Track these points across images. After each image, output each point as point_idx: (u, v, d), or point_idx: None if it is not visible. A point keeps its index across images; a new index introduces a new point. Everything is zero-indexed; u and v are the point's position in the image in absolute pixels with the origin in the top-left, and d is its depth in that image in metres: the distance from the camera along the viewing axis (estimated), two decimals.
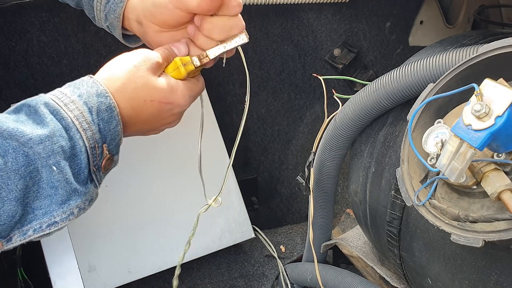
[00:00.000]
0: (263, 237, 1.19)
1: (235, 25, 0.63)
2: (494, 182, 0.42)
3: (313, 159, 0.77)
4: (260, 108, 1.30)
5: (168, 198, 1.02)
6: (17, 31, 1.02)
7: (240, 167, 1.29)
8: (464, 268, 0.51)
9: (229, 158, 1.10)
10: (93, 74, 0.57)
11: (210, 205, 0.74)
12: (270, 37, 1.22)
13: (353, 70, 1.32)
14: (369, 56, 1.34)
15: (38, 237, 0.49)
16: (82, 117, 0.51)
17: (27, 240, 0.48)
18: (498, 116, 0.40)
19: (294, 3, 1.14)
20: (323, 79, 0.70)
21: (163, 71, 0.61)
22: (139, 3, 0.66)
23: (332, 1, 1.20)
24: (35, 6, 0.84)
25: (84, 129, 0.51)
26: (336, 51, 1.29)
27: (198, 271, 1.11)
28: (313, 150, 0.75)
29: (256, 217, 1.23)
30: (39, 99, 0.51)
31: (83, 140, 0.50)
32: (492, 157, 0.44)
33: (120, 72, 0.56)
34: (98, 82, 0.54)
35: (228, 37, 0.64)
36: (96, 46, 1.09)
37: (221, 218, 1.07)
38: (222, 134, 1.10)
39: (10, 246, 0.48)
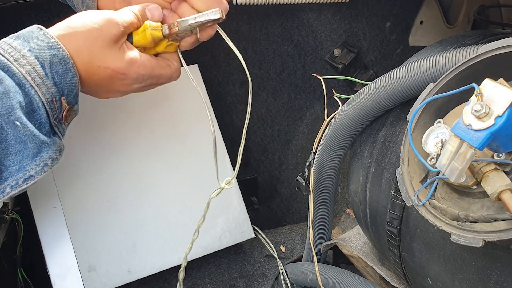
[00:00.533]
0: (263, 237, 1.19)
1: (219, 1, 0.64)
2: (494, 182, 0.42)
3: (313, 159, 0.77)
4: (260, 108, 1.30)
5: (169, 198, 1.02)
6: (17, 31, 1.02)
7: (240, 167, 1.29)
8: (464, 268, 0.51)
9: (230, 158, 1.10)
10: None
11: (223, 188, 0.71)
12: (270, 37, 1.22)
13: (353, 70, 1.32)
14: (369, 56, 1.34)
15: (17, 192, 0.49)
16: (34, 72, 0.50)
17: (6, 197, 0.48)
18: (498, 116, 0.40)
19: (294, 3, 1.13)
20: (323, 79, 0.70)
21: (131, 33, 0.60)
22: None
23: (332, 1, 1.20)
24: (35, 6, 0.84)
25: (37, 84, 0.50)
26: (336, 51, 1.29)
27: (198, 271, 1.11)
28: (313, 150, 0.75)
29: (256, 217, 1.23)
30: None
31: (38, 95, 0.50)
32: (492, 157, 0.44)
33: (80, 30, 0.55)
34: (49, 34, 0.53)
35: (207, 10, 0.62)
36: None
37: (221, 218, 1.07)
38: (222, 134, 1.10)
39: None
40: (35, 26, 0.54)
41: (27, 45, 0.52)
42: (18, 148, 0.48)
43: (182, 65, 0.66)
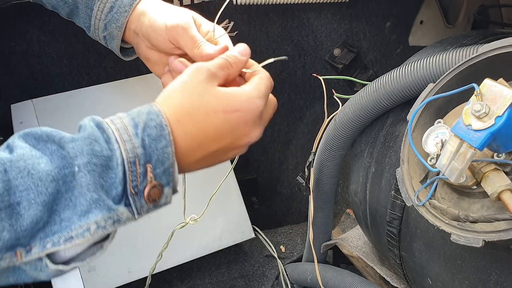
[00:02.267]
0: (263, 237, 1.19)
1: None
2: (494, 182, 0.42)
3: (313, 159, 0.77)
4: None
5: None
6: (17, 31, 1.02)
7: (240, 167, 1.29)
8: (464, 268, 0.51)
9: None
10: (92, 73, 0.55)
11: (187, 223, 0.72)
12: (270, 37, 1.22)
13: (353, 70, 1.32)
14: (369, 56, 1.34)
15: (54, 251, 0.43)
16: (124, 129, 0.46)
17: (44, 253, 0.42)
18: (498, 116, 0.40)
19: (294, 3, 1.13)
20: (323, 79, 0.70)
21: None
22: (140, 16, 0.65)
23: (332, 1, 1.20)
24: (35, 6, 0.84)
25: (123, 140, 0.45)
26: (336, 51, 1.29)
27: (198, 271, 1.11)
28: (313, 150, 0.75)
29: (256, 217, 1.23)
30: (89, 117, 0.47)
31: (120, 151, 0.45)
32: (492, 157, 0.44)
33: (173, 91, 0.51)
34: (154, 104, 0.49)
35: None
36: (96, 46, 1.09)
37: (221, 218, 1.07)
38: None
39: (28, 258, 0.42)
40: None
41: (130, 111, 0.49)
42: (74, 202, 0.43)
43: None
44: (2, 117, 1.02)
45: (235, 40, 0.70)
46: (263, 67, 0.60)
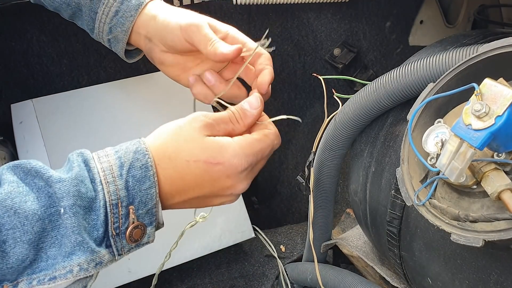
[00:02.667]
0: (263, 237, 1.19)
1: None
2: (494, 182, 0.41)
3: (313, 159, 0.77)
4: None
5: None
6: (17, 31, 1.02)
7: None
8: (464, 267, 0.51)
9: None
10: (92, 73, 0.56)
11: (197, 222, 0.73)
12: (270, 37, 1.22)
13: (353, 70, 1.32)
14: (369, 56, 1.34)
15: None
16: (109, 169, 0.46)
17: None
18: (498, 116, 0.39)
19: (294, 3, 1.13)
20: (323, 78, 0.70)
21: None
22: (151, 20, 0.65)
23: (332, 1, 1.20)
24: (35, 6, 0.84)
25: (107, 181, 0.46)
26: (336, 51, 1.29)
27: (198, 271, 1.11)
28: (313, 150, 0.75)
29: (256, 217, 1.23)
30: (78, 151, 0.48)
31: (104, 193, 0.45)
32: (492, 156, 0.44)
33: (164, 132, 0.52)
34: (142, 141, 0.50)
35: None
36: (96, 46, 1.09)
37: (221, 218, 1.07)
38: None
39: None
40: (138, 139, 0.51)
41: (118, 147, 0.49)
42: (60, 240, 0.44)
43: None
44: (2, 117, 1.02)
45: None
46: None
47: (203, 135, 0.51)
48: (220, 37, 0.64)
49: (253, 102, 0.56)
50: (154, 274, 1.00)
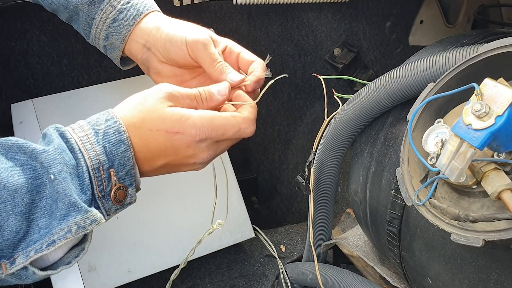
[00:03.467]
0: (263, 237, 1.19)
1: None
2: (494, 182, 0.42)
3: (313, 158, 0.77)
4: (260, 108, 1.29)
5: (169, 199, 1.02)
6: (17, 31, 1.02)
7: (240, 167, 1.29)
8: (464, 267, 0.51)
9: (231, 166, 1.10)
10: (92, 73, 0.57)
11: (214, 229, 0.74)
12: (270, 37, 1.22)
13: (353, 70, 1.32)
14: (369, 56, 1.34)
15: (39, 256, 0.45)
16: (86, 138, 0.49)
17: (28, 261, 0.45)
18: (498, 116, 0.40)
19: (294, 3, 1.13)
20: (323, 78, 0.70)
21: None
22: (153, 31, 0.66)
23: (332, 1, 1.20)
24: (35, 6, 0.84)
25: (86, 148, 0.49)
26: (336, 51, 1.29)
27: (198, 271, 1.11)
28: (313, 149, 0.75)
29: (256, 217, 1.23)
30: (52, 126, 0.51)
31: (84, 159, 0.48)
32: (492, 156, 0.44)
33: (130, 103, 0.55)
34: (111, 111, 0.53)
35: None
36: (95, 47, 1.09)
37: (221, 218, 1.07)
38: None
39: (13, 269, 0.44)
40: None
41: (89, 119, 0.52)
42: (51, 208, 0.46)
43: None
44: (2, 117, 1.02)
45: (235, 40, 0.70)
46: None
47: (165, 106, 0.53)
48: (221, 49, 0.67)
49: (221, 89, 0.58)
50: (154, 273, 1.01)
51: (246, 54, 0.67)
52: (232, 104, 0.62)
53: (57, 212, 0.46)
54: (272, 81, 0.64)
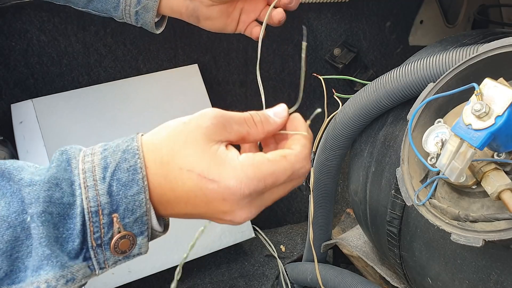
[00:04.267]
0: (263, 237, 1.19)
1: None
2: (494, 182, 0.41)
3: (313, 158, 0.77)
4: (260, 108, 1.29)
5: None
6: (17, 31, 1.02)
7: None
8: (464, 267, 0.51)
9: None
10: (92, 73, 0.53)
11: (205, 227, 0.69)
12: (270, 37, 1.22)
13: (353, 70, 1.32)
14: (369, 56, 1.34)
15: None
16: (91, 170, 0.40)
17: None
18: (498, 116, 0.39)
19: None
20: (323, 78, 0.70)
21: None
22: None
23: (332, 1, 1.20)
24: (35, 6, 0.84)
25: (87, 185, 0.40)
26: (336, 51, 1.29)
27: (198, 271, 1.11)
28: (313, 149, 0.75)
29: (256, 217, 1.23)
30: (62, 148, 0.42)
31: (81, 199, 0.39)
32: (492, 156, 0.44)
33: (165, 128, 0.43)
34: (137, 138, 0.43)
35: None
36: (96, 46, 1.09)
37: None
38: None
39: None
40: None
41: (109, 143, 0.43)
42: (31, 253, 0.38)
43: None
44: (2, 117, 1.02)
45: (235, 40, 0.70)
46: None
47: (207, 140, 0.42)
48: None
49: (279, 111, 0.48)
50: (154, 273, 1.01)
51: None
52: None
53: (31, 263, 0.38)
54: (318, 110, 0.52)
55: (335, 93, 0.72)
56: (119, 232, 0.41)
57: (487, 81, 0.41)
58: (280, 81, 1.29)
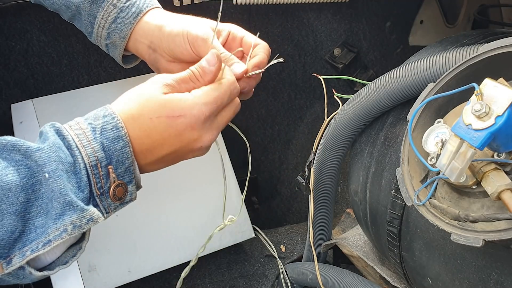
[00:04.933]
0: (263, 237, 1.19)
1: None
2: (494, 182, 0.42)
3: (313, 159, 0.77)
4: (260, 108, 1.30)
5: (169, 198, 1.02)
6: (17, 31, 1.02)
7: (240, 167, 1.29)
8: (464, 267, 0.51)
9: (230, 170, 1.10)
10: (92, 73, 0.56)
11: (226, 225, 0.73)
12: (270, 37, 1.22)
13: (353, 70, 1.32)
14: (369, 56, 1.34)
15: (35, 256, 0.45)
16: (83, 134, 0.48)
17: (24, 261, 0.44)
18: (498, 116, 0.40)
19: (294, 3, 1.13)
20: (323, 78, 0.70)
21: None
22: (155, 31, 0.65)
23: (332, 1, 1.20)
24: (35, 6, 0.84)
25: (83, 145, 0.48)
26: (336, 51, 1.29)
27: (198, 271, 1.11)
28: (313, 150, 0.75)
29: (256, 217, 1.23)
30: (49, 124, 0.50)
31: (82, 156, 0.47)
32: (492, 156, 0.44)
33: (127, 97, 0.54)
34: (109, 107, 0.52)
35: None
36: (96, 46, 1.08)
37: (221, 218, 1.07)
38: (222, 134, 1.10)
39: (10, 269, 0.44)
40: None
41: (87, 115, 0.52)
42: (47, 207, 0.45)
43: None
44: (2, 117, 1.02)
45: None
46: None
47: (160, 93, 0.52)
48: (224, 37, 0.66)
49: (210, 59, 0.56)
50: (154, 273, 1.01)
51: (249, 38, 0.66)
52: (248, 76, 0.62)
53: (53, 211, 0.45)
54: (274, 61, 0.62)
55: (335, 93, 0.72)
56: (115, 181, 0.49)
57: (487, 81, 0.41)
58: (280, 81, 1.29)
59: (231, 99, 0.57)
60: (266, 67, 0.63)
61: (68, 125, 0.50)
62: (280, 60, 0.62)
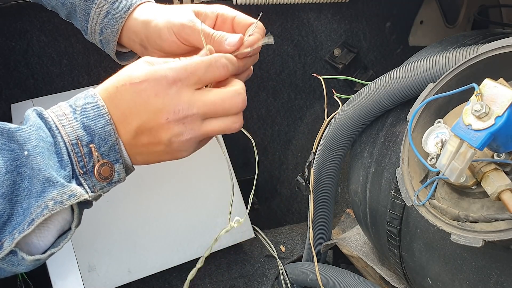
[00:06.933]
0: (263, 237, 1.19)
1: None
2: (494, 182, 0.41)
3: (313, 159, 0.77)
4: (260, 108, 1.30)
5: (169, 198, 1.02)
6: (17, 31, 1.02)
7: (240, 167, 1.29)
8: (464, 268, 0.51)
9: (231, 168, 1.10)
10: (92, 73, 0.56)
11: (232, 227, 0.71)
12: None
13: (353, 70, 1.32)
14: (369, 56, 1.34)
15: (21, 237, 0.44)
16: (63, 115, 0.48)
17: (13, 244, 0.44)
18: (498, 116, 0.39)
19: (294, 3, 1.13)
20: (323, 79, 0.70)
21: None
22: (142, 29, 0.65)
23: (332, 1, 1.20)
24: (35, 6, 0.84)
25: (63, 125, 0.47)
26: (336, 51, 1.29)
27: (198, 271, 1.11)
28: (313, 150, 0.75)
29: (256, 217, 1.23)
30: (32, 108, 0.50)
31: (61, 135, 0.47)
32: (492, 157, 0.44)
33: (110, 78, 0.53)
34: (90, 89, 0.51)
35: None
36: (96, 46, 1.08)
37: (221, 218, 1.07)
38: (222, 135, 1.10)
39: (2, 253, 0.44)
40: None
41: (69, 99, 0.51)
42: (30, 189, 0.44)
43: None
44: (2, 117, 1.02)
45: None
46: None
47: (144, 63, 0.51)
48: (212, 20, 0.64)
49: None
50: (154, 273, 1.01)
51: (241, 17, 0.64)
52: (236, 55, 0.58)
53: (34, 190, 0.44)
54: (263, 41, 0.60)
55: (335, 94, 0.72)
56: (99, 160, 0.48)
57: (487, 82, 0.41)
58: (280, 81, 1.29)
59: (214, 73, 0.52)
60: (255, 46, 0.59)
61: (50, 109, 0.50)
62: (271, 41, 0.59)
